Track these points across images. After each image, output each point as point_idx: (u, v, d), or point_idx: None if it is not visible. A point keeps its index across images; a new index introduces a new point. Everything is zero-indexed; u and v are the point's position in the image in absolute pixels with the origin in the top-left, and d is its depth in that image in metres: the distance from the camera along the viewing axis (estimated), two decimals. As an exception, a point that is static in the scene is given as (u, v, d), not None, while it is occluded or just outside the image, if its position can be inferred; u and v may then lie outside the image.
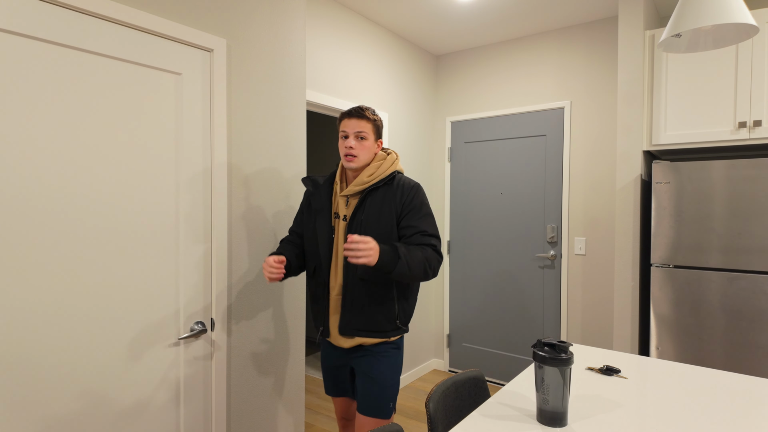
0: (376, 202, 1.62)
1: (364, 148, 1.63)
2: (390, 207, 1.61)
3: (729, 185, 2.23)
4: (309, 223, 1.74)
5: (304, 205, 1.80)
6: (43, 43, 1.31)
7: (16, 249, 1.27)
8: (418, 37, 3.47)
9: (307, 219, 1.76)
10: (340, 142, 1.66)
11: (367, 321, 1.64)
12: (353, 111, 1.65)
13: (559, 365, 1.15)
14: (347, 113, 1.66)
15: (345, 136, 1.65)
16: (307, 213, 1.77)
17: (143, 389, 1.56)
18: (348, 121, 1.65)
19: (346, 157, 1.63)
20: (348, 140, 1.63)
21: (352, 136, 1.63)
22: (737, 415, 1.24)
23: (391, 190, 1.64)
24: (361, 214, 1.62)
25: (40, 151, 1.31)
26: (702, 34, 1.42)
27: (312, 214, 1.74)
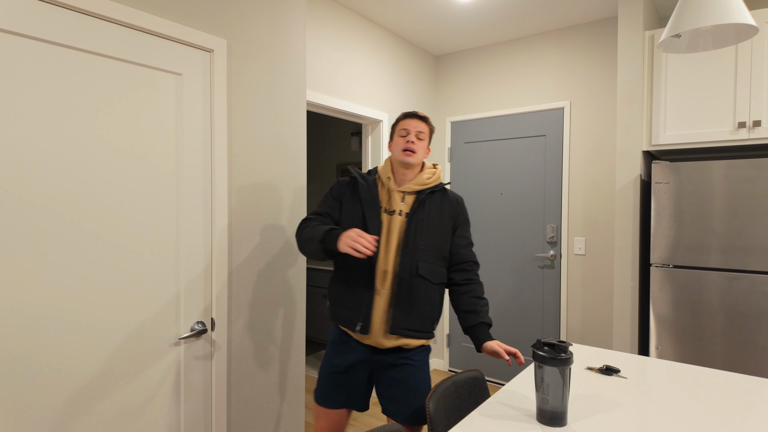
0: (435, 204, 1.71)
1: (421, 147, 1.71)
2: (448, 213, 1.73)
3: (728, 185, 2.24)
4: (353, 213, 1.70)
5: (343, 194, 1.75)
6: (43, 43, 1.31)
7: (16, 248, 1.27)
8: (418, 38, 3.47)
9: (349, 208, 1.71)
10: (398, 140, 1.71)
11: (417, 320, 1.64)
12: (415, 113, 1.75)
13: (559, 365, 1.15)
14: (409, 114, 1.74)
15: (405, 134, 1.70)
16: (349, 202, 1.72)
17: (143, 389, 1.56)
18: (409, 120, 1.72)
19: (405, 152, 1.67)
20: (409, 136, 1.69)
21: (413, 133, 1.69)
22: (737, 414, 1.24)
23: (448, 198, 1.75)
24: (421, 212, 1.68)
25: (40, 151, 1.31)
26: (702, 34, 1.43)
27: (357, 203, 1.71)
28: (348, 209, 1.72)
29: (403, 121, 1.74)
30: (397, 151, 1.69)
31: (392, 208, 1.68)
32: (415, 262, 1.64)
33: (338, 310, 1.68)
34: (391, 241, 1.65)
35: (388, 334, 1.62)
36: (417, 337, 1.64)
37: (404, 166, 1.69)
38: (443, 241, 1.71)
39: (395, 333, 1.61)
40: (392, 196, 1.69)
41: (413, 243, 1.64)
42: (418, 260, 1.64)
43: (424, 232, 1.66)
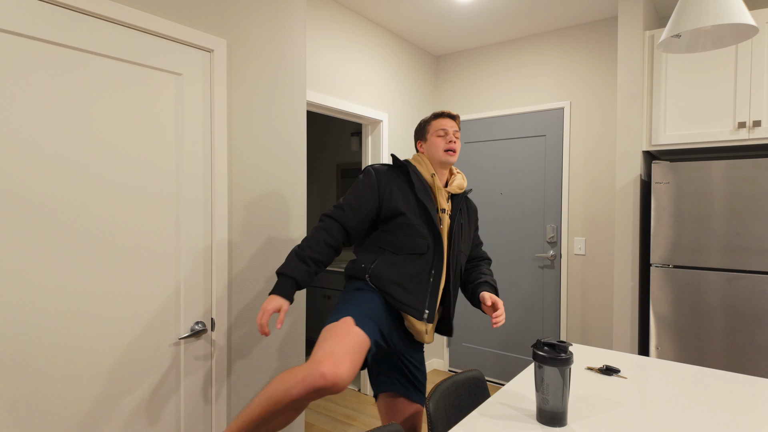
0: (465, 210, 1.79)
1: (459, 146, 1.73)
2: (474, 220, 1.84)
3: (728, 185, 2.24)
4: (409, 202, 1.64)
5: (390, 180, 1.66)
6: (43, 43, 1.31)
7: (17, 249, 1.27)
8: (418, 38, 3.47)
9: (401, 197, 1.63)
10: (436, 140, 1.70)
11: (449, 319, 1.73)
12: (451, 113, 1.76)
13: (559, 365, 1.15)
14: (444, 114, 1.74)
15: (443, 134, 1.70)
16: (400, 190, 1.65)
17: (143, 389, 1.56)
18: (446, 120, 1.73)
19: (447, 152, 1.68)
20: (449, 136, 1.70)
21: (451, 133, 1.70)
22: (737, 415, 1.24)
23: (470, 204, 1.84)
24: (460, 218, 1.73)
25: (40, 151, 1.31)
26: (701, 34, 1.43)
27: (410, 194, 1.65)
28: (400, 197, 1.64)
29: (437, 120, 1.74)
30: (438, 152, 1.69)
31: (442, 206, 1.70)
32: (460, 265, 1.72)
33: (397, 292, 1.58)
34: (444, 241, 1.67)
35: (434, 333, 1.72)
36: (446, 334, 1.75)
37: (443, 166, 1.71)
38: (470, 245, 1.81)
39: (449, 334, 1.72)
40: (440, 195, 1.69)
41: (458, 246, 1.70)
42: (460, 263, 1.72)
43: (464, 237, 1.74)
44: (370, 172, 1.68)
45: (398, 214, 1.62)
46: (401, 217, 1.62)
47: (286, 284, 1.51)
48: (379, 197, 1.64)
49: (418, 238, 1.62)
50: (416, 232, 1.62)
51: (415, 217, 1.63)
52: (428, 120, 1.77)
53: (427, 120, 1.77)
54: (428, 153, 1.73)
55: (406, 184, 1.67)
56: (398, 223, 1.63)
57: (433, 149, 1.71)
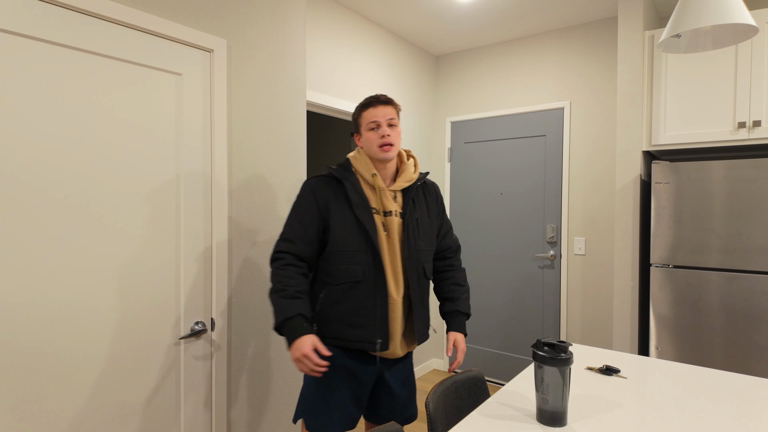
0: (421, 200, 1.61)
1: (397, 135, 1.53)
2: (433, 206, 1.65)
3: (728, 185, 2.24)
4: (345, 219, 1.49)
5: (326, 199, 1.51)
6: (43, 43, 1.31)
7: (17, 249, 1.27)
8: (418, 38, 3.47)
9: (338, 214, 1.50)
10: (368, 135, 1.51)
11: (424, 325, 1.59)
12: (380, 98, 1.53)
13: (559, 365, 1.15)
14: (374, 101, 1.52)
15: (375, 126, 1.51)
16: (337, 206, 1.50)
17: (143, 389, 1.56)
18: (376, 109, 1.51)
19: (383, 147, 1.49)
20: (382, 129, 1.50)
21: (384, 123, 1.50)
22: (737, 415, 1.24)
23: (428, 189, 1.66)
24: (415, 212, 1.56)
25: (40, 151, 1.31)
26: (701, 34, 1.43)
27: (346, 208, 1.50)
28: (337, 216, 1.50)
29: (367, 111, 1.53)
30: (373, 148, 1.51)
31: (387, 208, 1.53)
32: (422, 265, 1.57)
33: (345, 332, 1.49)
34: (394, 246, 1.52)
35: (409, 344, 1.57)
36: (422, 341, 1.60)
37: (383, 161, 1.53)
38: (435, 235, 1.65)
39: (421, 341, 1.57)
40: (384, 196, 1.53)
41: (416, 246, 1.55)
42: (423, 262, 1.57)
43: (422, 232, 1.58)
44: (306, 190, 1.54)
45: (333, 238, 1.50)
46: (335, 242, 1.49)
47: (298, 324, 1.41)
48: (322, 217, 1.51)
49: (354, 265, 1.48)
50: (351, 258, 1.48)
51: (352, 239, 1.48)
52: (358, 112, 1.56)
53: (357, 111, 1.57)
54: (365, 148, 1.54)
55: (344, 198, 1.51)
56: (331, 251, 1.50)
57: (367, 145, 1.53)
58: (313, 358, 1.36)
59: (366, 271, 1.48)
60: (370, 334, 1.48)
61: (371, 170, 1.52)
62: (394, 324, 1.51)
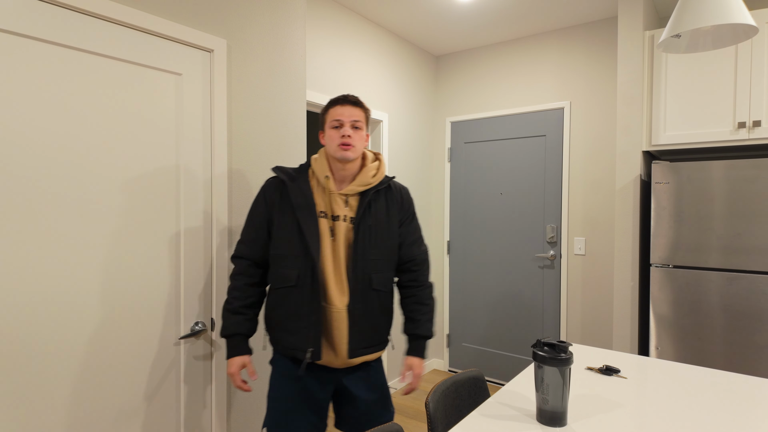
0: (381, 206, 1.52)
1: (360, 138, 1.48)
2: (394, 213, 1.55)
3: (728, 185, 2.24)
4: (286, 224, 1.47)
5: (273, 202, 1.51)
6: (43, 43, 1.31)
7: (17, 249, 1.27)
8: (418, 38, 3.47)
9: (281, 218, 1.48)
10: (330, 132, 1.48)
11: (377, 334, 1.52)
12: (348, 97, 1.49)
13: (559, 365, 1.15)
14: (340, 100, 1.49)
15: (338, 125, 1.47)
16: (280, 211, 1.49)
17: (143, 388, 1.56)
18: (342, 108, 1.48)
19: (341, 147, 1.45)
20: (344, 129, 1.46)
21: (347, 124, 1.46)
22: (737, 415, 1.24)
23: (392, 194, 1.56)
24: (368, 219, 1.48)
25: (39, 152, 1.31)
26: (701, 34, 1.43)
27: (289, 212, 1.48)
28: (279, 220, 1.48)
29: (333, 109, 1.49)
30: (333, 147, 1.46)
31: (336, 212, 1.47)
32: (368, 275, 1.47)
33: (281, 337, 1.48)
34: (339, 252, 1.46)
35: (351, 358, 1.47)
36: (377, 351, 1.53)
37: (342, 162, 1.48)
38: (394, 245, 1.54)
39: (355, 356, 1.46)
40: (333, 200, 1.48)
41: (363, 254, 1.46)
42: (371, 272, 1.48)
43: (375, 240, 1.49)
44: (260, 191, 1.55)
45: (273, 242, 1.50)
46: (274, 246, 1.49)
47: (234, 342, 1.49)
48: (270, 219, 1.51)
49: (289, 270, 1.45)
50: (288, 262, 1.45)
51: (290, 243, 1.45)
52: (326, 107, 1.53)
53: (324, 109, 1.53)
54: (326, 147, 1.50)
55: (289, 201, 1.49)
56: (272, 254, 1.49)
57: (328, 143, 1.48)
58: (236, 380, 1.46)
59: (302, 276, 1.44)
60: (302, 342, 1.44)
61: (325, 172, 1.49)
62: (337, 333, 1.44)
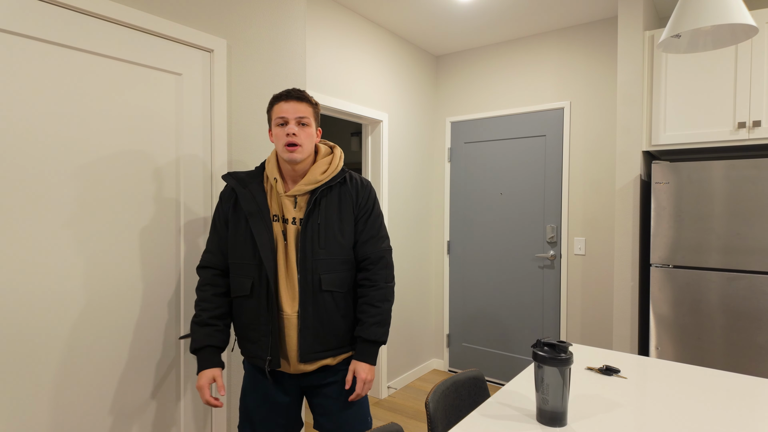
0: (333, 203, 1.45)
1: (307, 136, 1.40)
2: (348, 209, 1.46)
3: (728, 185, 2.24)
4: (239, 230, 1.43)
5: (227, 210, 1.46)
6: (43, 43, 1.31)
7: (18, 249, 1.27)
8: (418, 38, 3.47)
9: (234, 226, 1.44)
10: (277, 130, 1.40)
11: (335, 337, 1.44)
12: (291, 92, 1.40)
13: (559, 365, 1.15)
14: (283, 95, 1.40)
15: (283, 123, 1.39)
16: (234, 219, 1.44)
17: (144, 388, 1.56)
18: (285, 104, 1.39)
19: (288, 147, 1.37)
20: (288, 126, 1.38)
21: (292, 121, 1.38)
22: (737, 415, 1.24)
23: (347, 190, 1.47)
24: (317, 218, 1.41)
25: (39, 151, 1.31)
26: (701, 34, 1.43)
27: (242, 219, 1.43)
28: (233, 227, 1.44)
29: (277, 106, 1.40)
30: (279, 147, 1.39)
31: (287, 216, 1.41)
32: (317, 276, 1.41)
33: (244, 345, 1.46)
34: (291, 257, 1.40)
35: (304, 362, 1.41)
36: (335, 355, 1.45)
37: (291, 162, 1.41)
38: (347, 242, 1.46)
39: (306, 360, 1.40)
40: (282, 202, 1.42)
41: (312, 255, 1.40)
42: (321, 273, 1.41)
43: (324, 239, 1.41)
44: (218, 200, 1.50)
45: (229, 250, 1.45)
46: (230, 254, 1.45)
47: (205, 355, 1.40)
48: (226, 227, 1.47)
49: (244, 278, 1.42)
50: (242, 271, 1.42)
51: (244, 250, 1.41)
52: (269, 105, 1.44)
53: (269, 106, 1.45)
54: (275, 147, 1.43)
55: (239, 206, 1.44)
56: (229, 263, 1.46)
57: (276, 143, 1.41)
58: (204, 394, 1.36)
59: (256, 285, 1.40)
60: (261, 350, 1.41)
61: (274, 174, 1.43)
62: (288, 340, 1.40)
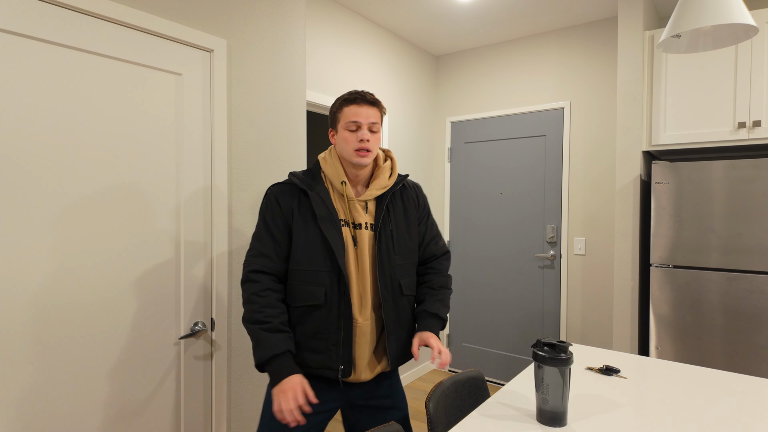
0: (399, 207, 1.43)
1: (376, 141, 1.37)
2: (412, 212, 1.46)
3: (728, 185, 2.24)
4: (308, 236, 1.34)
5: (289, 213, 1.36)
6: (43, 43, 1.31)
7: (19, 248, 1.27)
8: (418, 38, 3.47)
9: (302, 229, 1.34)
10: (347, 134, 1.34)
11: (408, 341, 1.43)
12: (366, 96, 1.35)
13: (559, 365, 1.15)
14: (357, 98, 1.35)
15: (356, 128, 1.34)
16: (301, 221, 1.35)
17: (144, 388, 1.56)
18: (359, 108, 1.34)
19: (359, 152, 1.33)
20: (362, 132, 1.33)
21: (365, 126, 1.34)
22: (737, 415, 1.24)
23: (407, 194, 1.48)
24: (390, 224, 1.39)
25: (40, 151, 1.31)
26: (701, 34, 1.43)
27: (311, 222, 1.34)
28: (300, 232, 1.34)
29: (348, 108, 1.35)
30: (348, 151, 1.34)
31: (357, 220, 1.36)
32: (397, 281, 1.39)
33: (305, 356, 1.33)
34: (364, 262, 1.36)
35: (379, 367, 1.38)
36: (407, 359, 1.44)
37: (357, 167, 1.37)
38: (415, 246, 1.46)
39: (395, 365, 1.39)
40: (353, 206, 1.36)
41: (389, 261, 1.38)
42: (399, 278, 1.40)
43: (398, 245, 1.40)
44: (271, 199, 1.38)
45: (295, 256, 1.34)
46: (297, 260, 1.34)
47: (286, 362, 1.25)
48: (289, 230, 1.36)
49: (316, 287, 1.32)
50: (314, 279, 1.32)
51: (316, 257, 1.32)
52: (338, 105, 1.38)
53: (337, 105, 1.38)
54: (339, 149, 1.38)
55: (309, 211, 1.35)
56: (293, 269, 1.35)
57: (342, 146, 1.36)
58: (301, 400, 1.21)
59: (330, 293, 1.32)
60: (332, 360, 1.32)
61: (341, 177, 1.36)
62: (359, 349, 1.35)
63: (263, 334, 1.26)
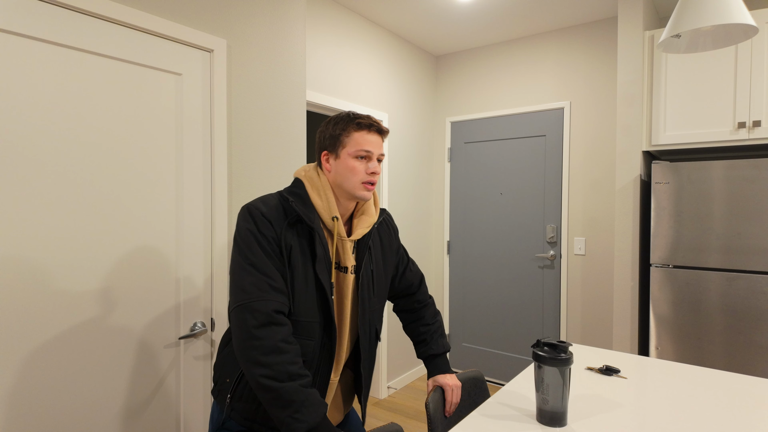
0: (377, 245, 1.29)
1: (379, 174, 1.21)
2: (389, 245, 1.32)
3: (728, 185, 2.24)
4: (308, 280, 1.12)
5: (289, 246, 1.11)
6: (43, 43, 1.31)
7: (16, 243, 1.27)
8: (418, 38, 3.47)
9: (300, 267, 1.12)
10: (354, 163, 1.15)
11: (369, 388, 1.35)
12: (376, 124, 1.19)
13: (559, 365, 1.15)
14: (374, 126, 1.18)
15: (366, 156, 1.16)
16: (299, 257, 1.12)
17: (143, 388, 1.56)
18: (370, 135, 1.16)
19: (365, 185, 1.16)
20: (373, 164, 1.16)
21: (375, 157, 1.18)
22: (737, 415, 1.24)
23: (385, 228, 1.33)
24: (370, 264, 1.23)
25: (39, 152, 1.31)
26: (701, 34, 1.43)
27: (308, 262, 1.13)
28: (299, 270, 1.11)
29: (359, 134, 1.15)
30: (353, 182, 1.15)
31: (344, 263, 1.18)
32: (374, 326, 1.27)
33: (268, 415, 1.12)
34: (345, 309, 1.20)
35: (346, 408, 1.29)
36: None
37: (353, 200, 1.20)
38: (389, 280, 1.34)
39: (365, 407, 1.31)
40: (342, 247, 1.18)
41: (370, 306, 1.24)
42: (376, 323, 1.27)
43: (377, 286, 1.26)
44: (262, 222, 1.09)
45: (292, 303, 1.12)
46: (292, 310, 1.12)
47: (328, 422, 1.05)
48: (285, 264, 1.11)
49: (307, 340, 1.13)
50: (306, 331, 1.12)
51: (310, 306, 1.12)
52: (345, 127, 1.16)
53: (343, 126, 1.17)
54: (336, 177, 1.17)
55: (308, 249, 1.13)
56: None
57: (345, 175, 1.15)
58: None
59: (314, 348, 1.13)
60: None
61: (333, 211, 1.15)
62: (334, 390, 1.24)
63: (305, 392, 1.02)
